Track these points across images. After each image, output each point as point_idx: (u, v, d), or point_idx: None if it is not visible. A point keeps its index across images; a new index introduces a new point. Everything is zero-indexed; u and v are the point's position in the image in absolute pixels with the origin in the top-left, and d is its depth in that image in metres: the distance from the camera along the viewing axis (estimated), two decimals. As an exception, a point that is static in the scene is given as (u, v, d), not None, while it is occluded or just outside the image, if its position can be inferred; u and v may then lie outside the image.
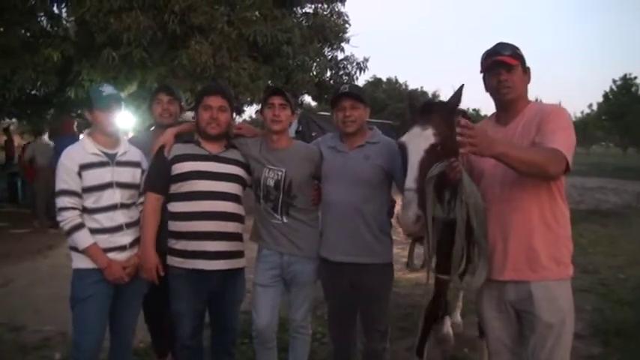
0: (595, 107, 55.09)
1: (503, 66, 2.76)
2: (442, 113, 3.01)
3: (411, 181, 2.84)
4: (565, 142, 2.56)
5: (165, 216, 3.45)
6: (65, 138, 9.95)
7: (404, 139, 3.01)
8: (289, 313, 3.68)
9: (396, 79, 44.14)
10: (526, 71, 2.84)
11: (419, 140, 2.90)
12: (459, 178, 2.67)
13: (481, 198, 2.69)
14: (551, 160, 2.51)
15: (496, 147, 2.43)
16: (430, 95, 44.26)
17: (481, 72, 2.88)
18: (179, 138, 3.54)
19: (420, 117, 3.04)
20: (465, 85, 3.02)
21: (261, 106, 3.57)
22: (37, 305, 5.91)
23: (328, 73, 13.46)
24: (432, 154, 2.84)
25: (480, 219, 2.68)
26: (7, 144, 17.15)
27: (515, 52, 2.80)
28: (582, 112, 58.72)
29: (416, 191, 2.80)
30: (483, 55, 2.86)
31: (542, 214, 2.69)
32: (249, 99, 11.29)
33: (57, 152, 9.96)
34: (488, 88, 2.87)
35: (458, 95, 3.08)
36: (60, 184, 3.22)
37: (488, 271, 2.76)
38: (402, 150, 3.00)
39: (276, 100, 3.43)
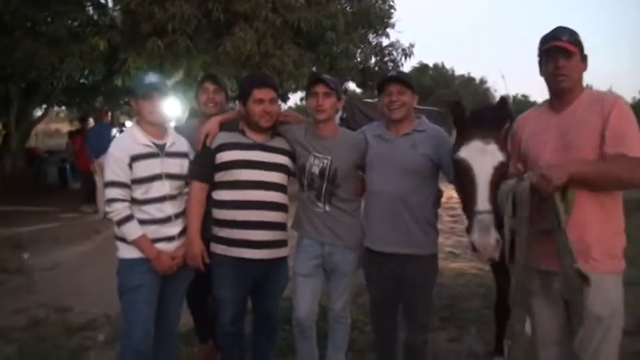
0: (649, 91, 52.74)
1: (561, 52, 2.64)
2: (499, 126, 2.86)
3: (484, 202, 2.67)
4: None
5: (210, 204, 3.46)
6: (97, 125, 10.19)
7: (463, 155, 2.80)
8: (328, 303, 3.65)
9: (443, 65, 43.47)
10: (584, 59, 2.72)
11: (485, 157, 2.74)
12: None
13: None
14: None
15: (567, 168, 2.47)
16: (477, 82, 43.54)
17: (538, 56, 2.77)
18: (224, 127, 3.52)
19: (473, 128, 2.85)
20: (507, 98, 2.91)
21: (306, 95, 3.52)
22: (83, 288, 6.07)
23: (373, 60, 13.38)
24: (500, 173, 2.72)
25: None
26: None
27: (574, 38, 2.68)
28: (634, 98, 56.52)
29: (490, 212, 2.65)
30: (541, 38, 2.75)
31: (596, 207, 2.60)
32: (293, 86, 11.31)
33: (88, 139, 10.27)
34: (544, 73, 2.75)
35: (505, 109, 3.03)
36: (110, 175, 3.22)
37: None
38: (461, 165, 2.81)
39: (320, 89, 3.37)
